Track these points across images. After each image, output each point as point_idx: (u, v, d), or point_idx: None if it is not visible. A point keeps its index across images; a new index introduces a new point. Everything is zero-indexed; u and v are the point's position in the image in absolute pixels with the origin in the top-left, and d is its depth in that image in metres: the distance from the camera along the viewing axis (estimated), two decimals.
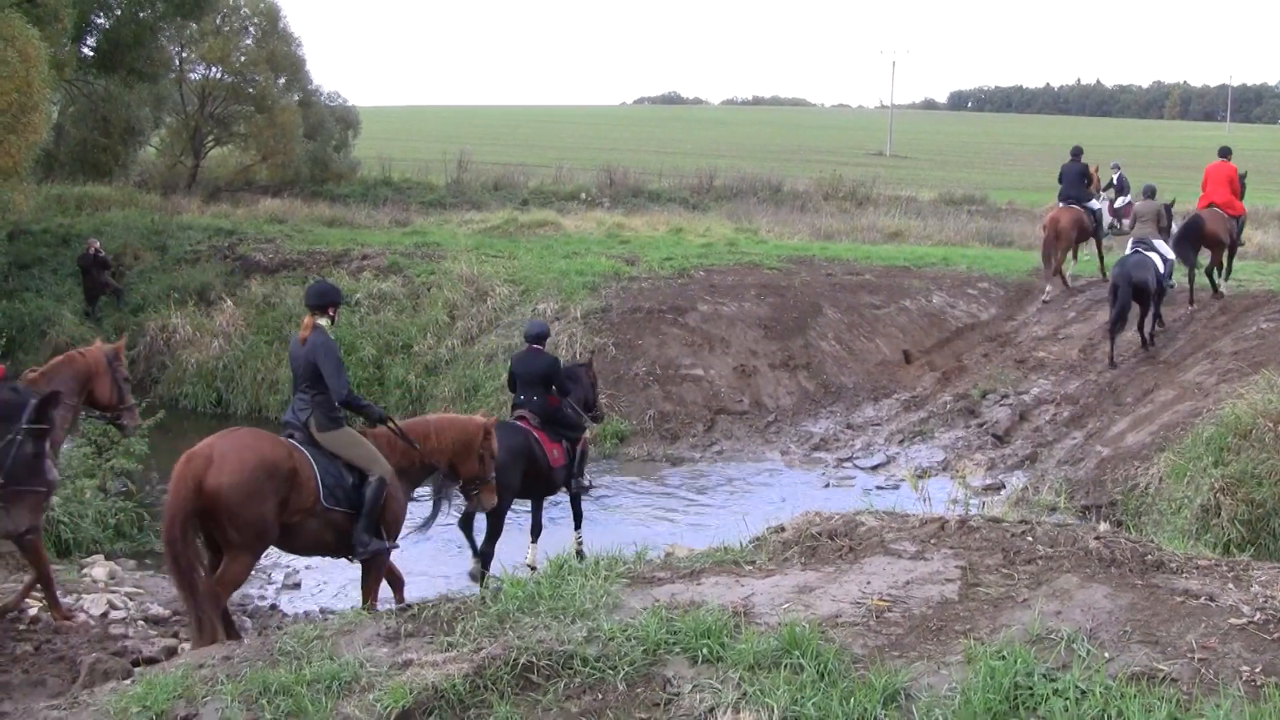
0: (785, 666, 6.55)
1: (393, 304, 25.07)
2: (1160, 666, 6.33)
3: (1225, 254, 22.56)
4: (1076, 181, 24.54)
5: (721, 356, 22.89)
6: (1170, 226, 21.56)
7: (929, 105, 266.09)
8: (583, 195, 45.62)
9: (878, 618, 7.26)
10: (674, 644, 6.93)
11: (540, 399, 14.24)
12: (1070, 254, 25.09)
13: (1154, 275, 20.15)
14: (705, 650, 6.81)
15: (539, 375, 14.28)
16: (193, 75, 45.10)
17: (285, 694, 6.75)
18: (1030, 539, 8.40)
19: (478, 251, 27.85)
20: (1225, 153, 22.94)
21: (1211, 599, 7.24)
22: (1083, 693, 6.07)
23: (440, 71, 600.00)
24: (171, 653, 9.38)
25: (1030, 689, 6.16)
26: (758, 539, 9.23)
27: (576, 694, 6.64)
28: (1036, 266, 26.49)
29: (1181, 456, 15.06)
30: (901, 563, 8.18)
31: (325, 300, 10.43)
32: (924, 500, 12.78)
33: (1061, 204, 24.51)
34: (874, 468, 19.54)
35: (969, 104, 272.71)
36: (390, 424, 10.56)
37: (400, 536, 10.75)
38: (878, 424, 21.32)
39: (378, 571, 10.35)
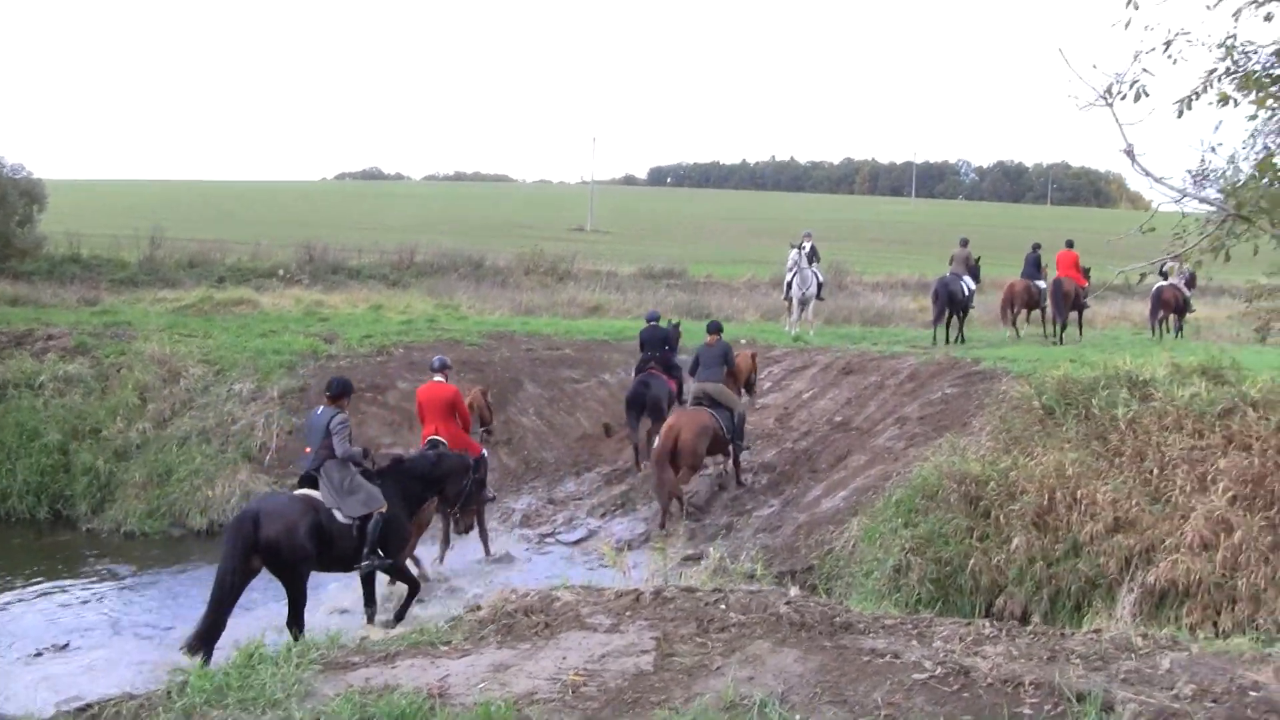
0: None
1: (80, 386, 23.82)
2: None
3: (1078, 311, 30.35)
4: (1032, 265, 30.95)
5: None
6: (978, 271, 30.68)
7: (629, 181, 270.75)
8: (281, 272, 44.81)
9: (574, 693, 7.24)
10: None
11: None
12: (1023, 316, 31.46)
13: (962, 290, 28.75)
14: None
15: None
16: None
17: None
18: (723, 607, 8.52)
19: (171, 331, 26.97)
20: (1070, 244, 30.36)
21: (896, 656, 7.45)
22: None
23: (133, 144, 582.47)
24: None
25: None
26: (454, 619, 9.14)
27: None
28: (735, 338, 27.15)
29: (873, 519, 15.55)
30: (597, 636, 8.19)
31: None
32: (624, 573, 12.84)
33: (1020, 279, 30.88)
34: (576, 542, 19.58)
35: (668, 179, 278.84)
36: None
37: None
38: (579, 498, 21.42)
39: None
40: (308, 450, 14.17)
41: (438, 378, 17.81)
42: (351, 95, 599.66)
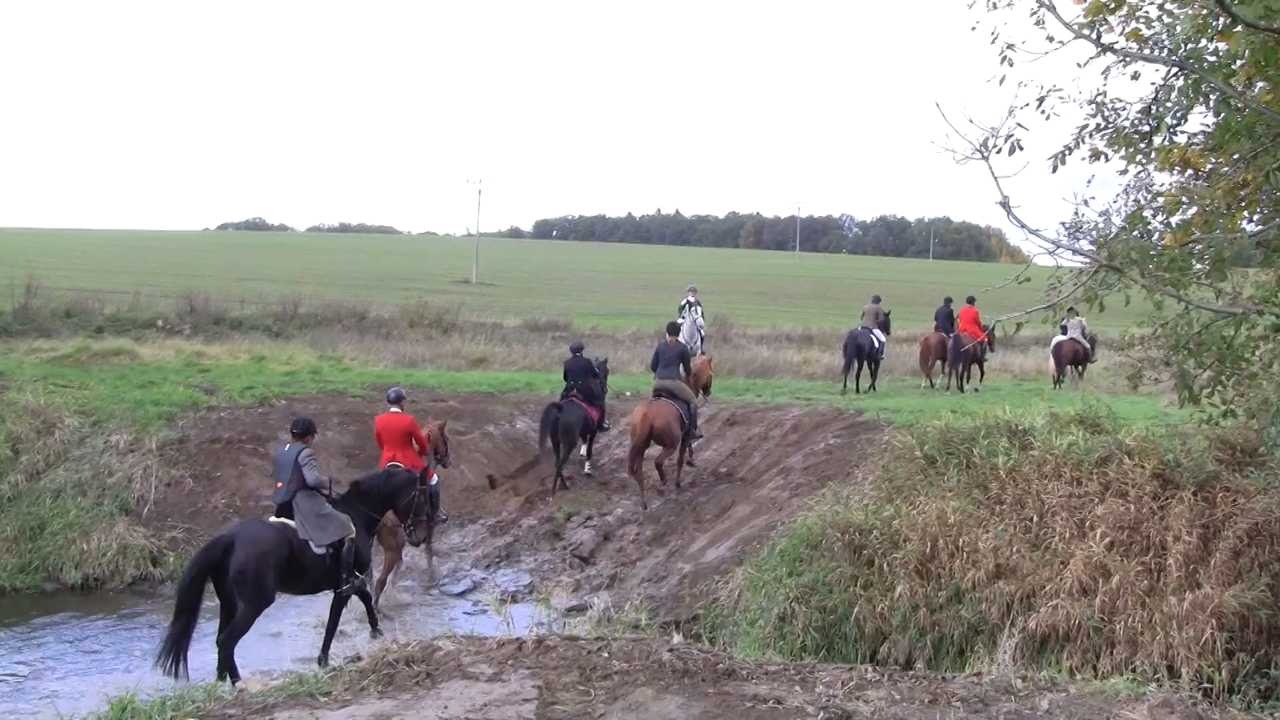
0: None
1: None
2: None
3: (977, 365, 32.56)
4: (945, 319, 32.95)
5: None
6: (888, 324, 32.74)
7: (515, 234, 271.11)
8: (161, 322, 44.05)
9: None
10: None
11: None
12: (938, 366, 33.19)
13: (870, 343, 30.65)
14: None
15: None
16: None
17: None
18: (606, 655, 8.48)
19: (46, 381, 26.27)
20: (971, 300, 32.20)
21: (779, 702, 7.46)
22: None
23: (7, 191, 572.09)
24: None
25: None
26: (334, 669, 9.00)
27: None
28: (620, 390, 27.25)
29: (758, 569, 15.61)
30: (479, 685, 8.11)
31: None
32: (507, 624, 12.74)
33: (935, 333, 32.84)
34: (461, 594, 19.48)
35: (554, 232, 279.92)
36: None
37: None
38: (464, 550, 21.31)
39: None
40: (279, 485, 15.27)
41: (394, 408, 19.35)
42: (235, 145, 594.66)
